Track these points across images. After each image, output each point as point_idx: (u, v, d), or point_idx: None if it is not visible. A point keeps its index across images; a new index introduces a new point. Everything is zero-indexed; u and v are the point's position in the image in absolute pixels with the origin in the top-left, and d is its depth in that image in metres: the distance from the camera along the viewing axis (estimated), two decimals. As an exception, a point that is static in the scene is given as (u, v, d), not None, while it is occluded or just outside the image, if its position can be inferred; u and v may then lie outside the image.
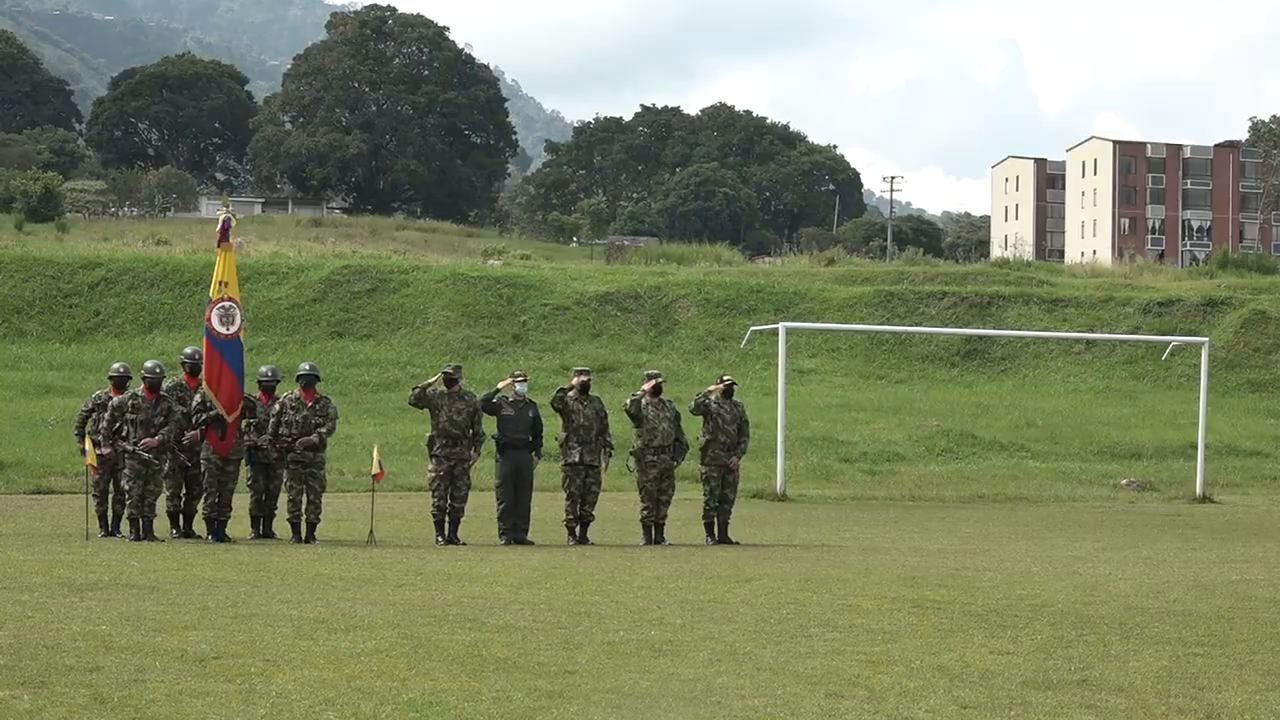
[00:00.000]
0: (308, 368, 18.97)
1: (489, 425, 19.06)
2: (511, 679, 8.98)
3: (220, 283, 18.88)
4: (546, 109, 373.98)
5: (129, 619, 11.00)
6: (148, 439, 17.70)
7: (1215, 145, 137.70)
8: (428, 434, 18.85)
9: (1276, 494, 33.99)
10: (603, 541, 19.18)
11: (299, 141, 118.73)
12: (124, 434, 17.88)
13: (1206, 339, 37.16)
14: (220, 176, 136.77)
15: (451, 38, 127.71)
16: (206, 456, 18.24)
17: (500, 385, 19.28)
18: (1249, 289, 58.73)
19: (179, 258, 53.68)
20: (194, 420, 18.17)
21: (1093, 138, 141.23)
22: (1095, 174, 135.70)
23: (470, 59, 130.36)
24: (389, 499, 25.32)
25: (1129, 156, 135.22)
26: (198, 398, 18.32)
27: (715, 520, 19.68)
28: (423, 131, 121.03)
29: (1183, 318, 52.66)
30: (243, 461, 18.61)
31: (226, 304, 18.72)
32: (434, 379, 18.97)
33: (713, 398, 19.81)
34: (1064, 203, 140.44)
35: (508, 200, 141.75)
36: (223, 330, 18.57)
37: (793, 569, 15.84)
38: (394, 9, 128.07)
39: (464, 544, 18.34)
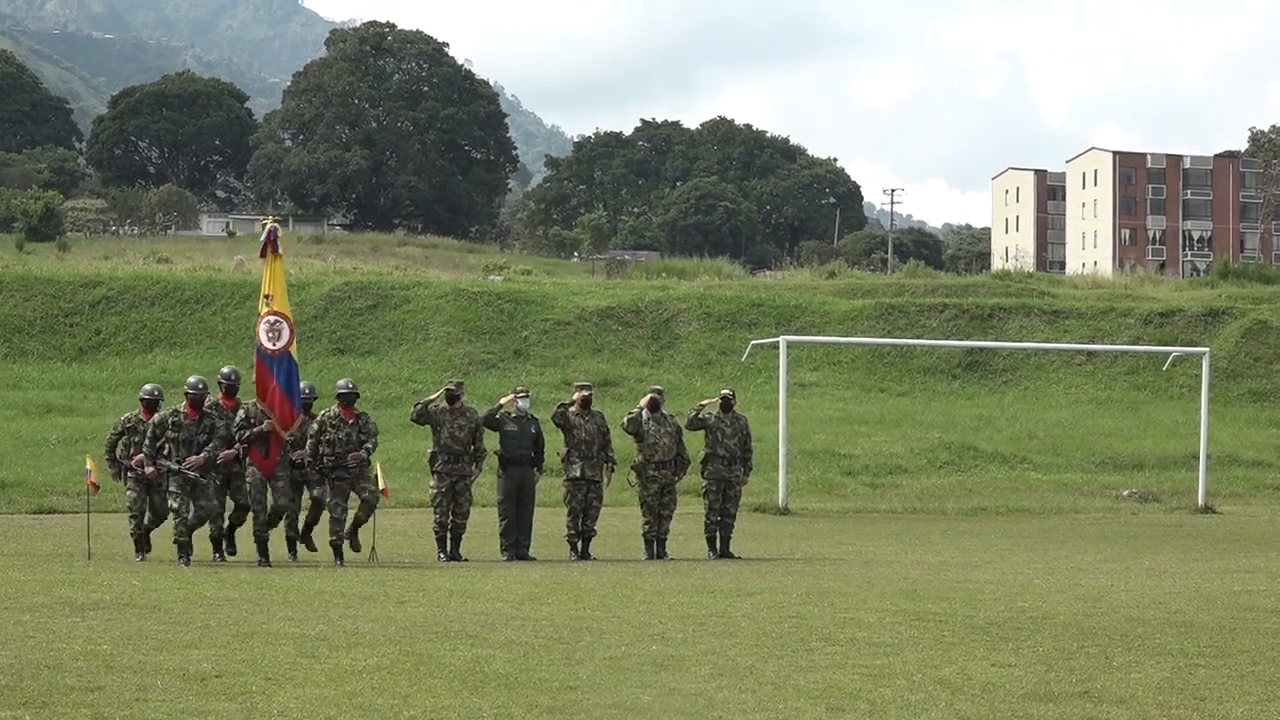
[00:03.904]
0: (348, 385, 18.30)
1: (491, 441, 19.06)
2: (513, 695, 8.99)
3: (265, 296, 18.10)
4: (546, 124, 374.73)
5: (130, 638, 11.00)
6: (193, 457, 17.04)
7: (1215, 155, 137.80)
8: (429, 450, 18.82)
9: (1278, 504, 33.96)
10: (604, 556, 19.18)
11: (299, 158, 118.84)
12: (165, 452, 17.22)
13: (1207, 349, 37.15)
14: (221, 194, 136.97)
15: (451, 54, 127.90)
16: (250, 475, 17.53)
17: (503, 401, 19.28)
18: (1250, 299, 58.78)
19: (180, 275, 53.74)
20: (236, 438, 17.43)
21: (1092, 148, 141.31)
22: (1095, 185, 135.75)
23: (470, 75, 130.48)
24: (391, 515, 25.31)
25: (1129, 167, 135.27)
26: (240, 414, 17.56)
27: (717, 534, 19.70)
28: (423, 147, 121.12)
29: (1184, 328, 52.65)
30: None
31: (272, 318, 18.01)
32: (436, 395, 18.94)
33: (706, 411, 19.82)
34: (1064, 214, 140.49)
35: (508, 216, 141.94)
36: (270, 346, 17.84)
37: (794, 583, 15.84)
38: (393, 25, 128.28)
39: (466, 560, 18.34)
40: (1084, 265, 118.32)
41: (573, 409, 19.07)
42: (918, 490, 33.62)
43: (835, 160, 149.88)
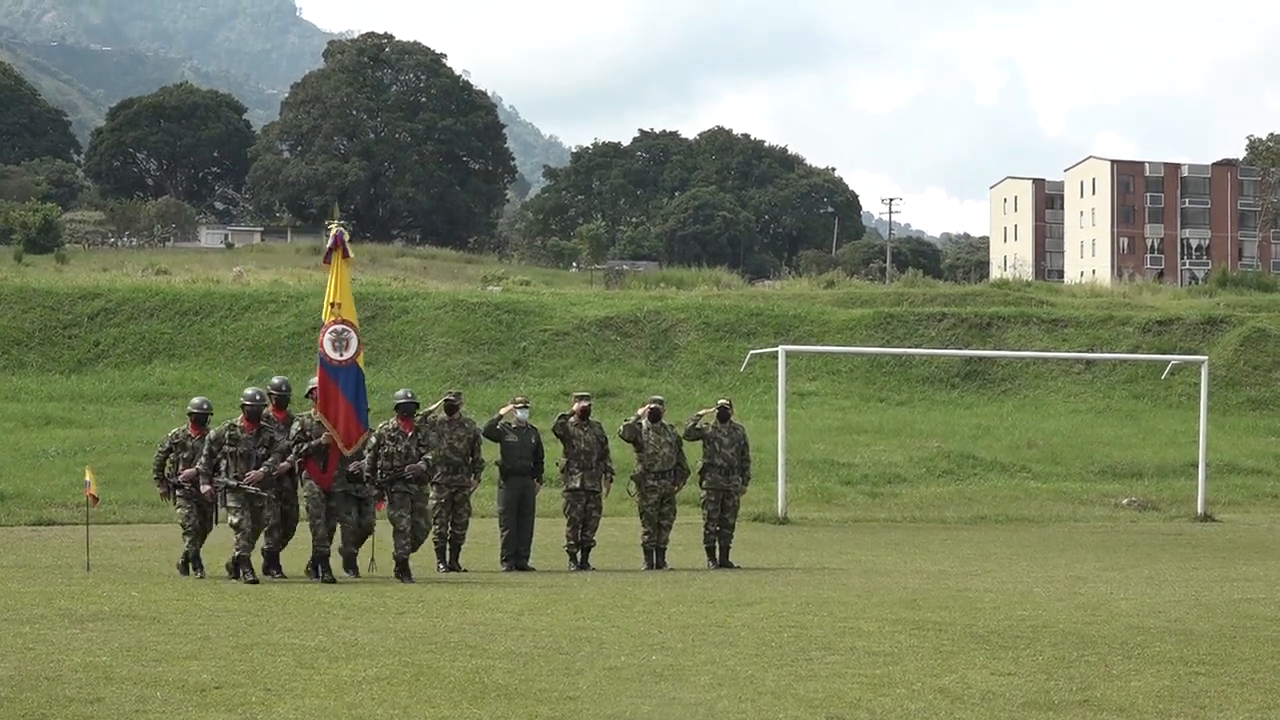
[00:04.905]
0: (407, 395, 17.75)
1: (491, 452, 19.05)
2: (513, 706, 8.99)
3: (332, 304, 17.30)
4: (544, 134, 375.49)
5: (130, 650, 11.00)
6: (252, 472, 16.39)
7: (1213, 164, 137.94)
8: (429, 461, 18.79)
9: (1278, 512, 33.94)
10: (604, 567, 19.17)
11: (297, 170, 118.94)
12: (222, 469, 16.52)
13: (1206, 357, 37.13)
14: (219, 206, 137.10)
15: (449, 64, 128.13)
16: (308, 491, 16.96)
17: (502, 412, 19.28)
18: (1248, 307, 58.75)
19: (178, 287, 53.72)
20: (294, 451, 16.78)
21: (1090, 157, 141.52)
22: (1094, 193, 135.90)
23: (468, 85, 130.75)
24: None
25: (1127, 176, 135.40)
26: (296, 426, 16.93)
27: (716, 544, 19.69)
28: (421, 158, 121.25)
29: (1182, 336, 52.63)
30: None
31: (339, 327, 17.16)
32: (435, 406, 18.95)
33: (704, 421, 19.81)
34: (1062, 223, 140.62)
35: (507, 226, 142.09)
36: (335, 356, 17.11)
37: (794, 592, 15.84)
38: (391, 36, 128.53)
39: (465, 571, 18.33)
40: (1082, 274, 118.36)
41: (572, 420, 19.07)
42: (917, 499, 33.59)
43: (833, 169, 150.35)
